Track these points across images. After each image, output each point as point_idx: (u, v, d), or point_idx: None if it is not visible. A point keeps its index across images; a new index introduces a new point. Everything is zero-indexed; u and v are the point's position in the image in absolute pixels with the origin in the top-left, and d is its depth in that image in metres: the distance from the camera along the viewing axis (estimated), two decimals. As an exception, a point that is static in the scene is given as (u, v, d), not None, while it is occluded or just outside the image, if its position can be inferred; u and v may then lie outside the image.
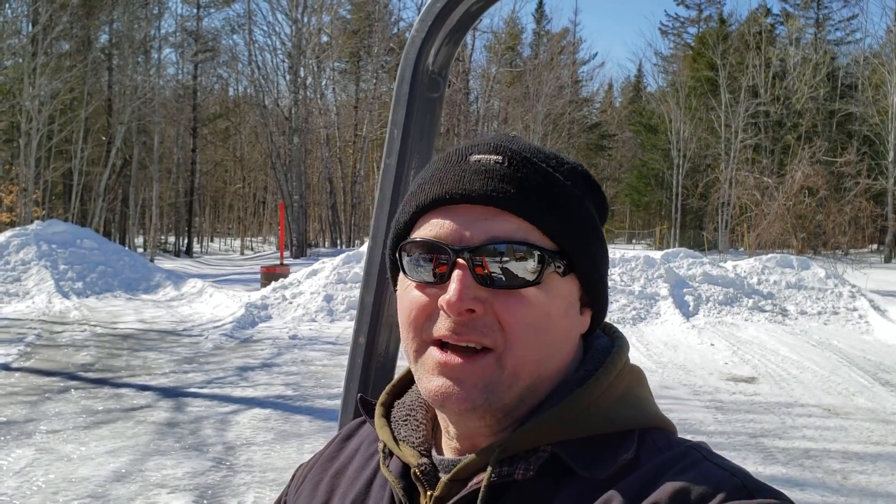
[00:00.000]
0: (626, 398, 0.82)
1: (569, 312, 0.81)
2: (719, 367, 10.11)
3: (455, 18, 1.14)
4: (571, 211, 0.81)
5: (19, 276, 16.79)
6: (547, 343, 0.79)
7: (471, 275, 0.77)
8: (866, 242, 41.96)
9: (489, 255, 0.77)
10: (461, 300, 0.76)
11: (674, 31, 61.44)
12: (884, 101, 39.13)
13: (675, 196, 47.12)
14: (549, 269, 0.78)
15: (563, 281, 0.80)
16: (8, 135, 33.49)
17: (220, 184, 61.78)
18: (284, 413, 7.51)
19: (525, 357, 0.77)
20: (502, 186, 0.78)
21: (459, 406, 0.77)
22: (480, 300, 0.77)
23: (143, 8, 38.39)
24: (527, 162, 0.81)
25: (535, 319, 0.77)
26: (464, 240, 0.78)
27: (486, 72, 46.64)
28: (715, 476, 0.72)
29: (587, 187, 0.85)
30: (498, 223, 0.78)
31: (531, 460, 0.77)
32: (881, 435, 7.02)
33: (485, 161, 0.81)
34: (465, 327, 0.77)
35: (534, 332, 0.77)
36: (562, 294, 0.80)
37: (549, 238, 0.79)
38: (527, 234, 0.78)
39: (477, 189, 0.79)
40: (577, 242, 0.81)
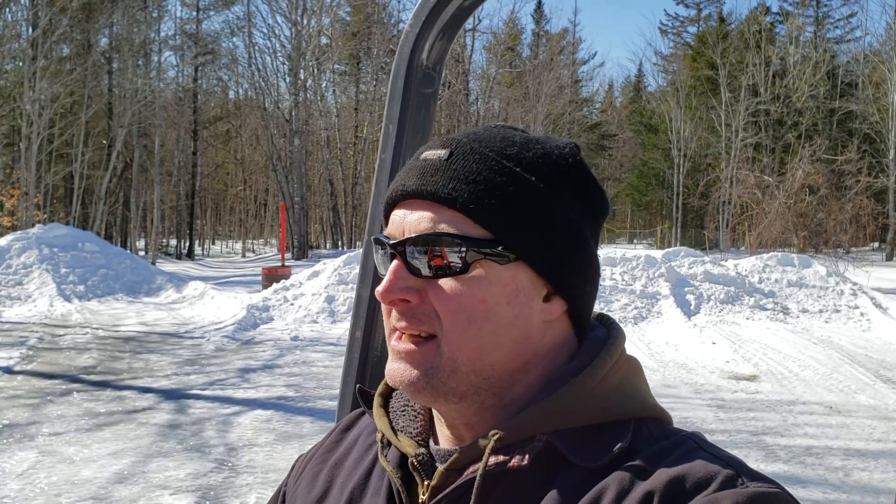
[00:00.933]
0: (621, 388, 0.82)
1: (514, 300, 0.80)
2: (721, 366, 10.11)
3: (449, 14, 1.15)
4: (512, 197, 0.80)
5: (21, 280, 16.81)
6: (486, 331, 0.79)
7: (404, 266, 0.80)
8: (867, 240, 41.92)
9: (416, 246, 0.79)
10: (387, 291, 0.80)
11: (673, 30, 61.50)
12: (884, 99, 39.11)
13: (676, 195, 47.13)
14: (479, 257, 0.79)
15: (505, 268, 0.80)
16: (9, 139, 33.55)
17: (222, 186, 61.80)
18: (286, 414, 7.51)
19: (461, 343, 0.79)
20: (434, 179, 0.80)
21: (404, 388, 0.81)
22: (416, 290, 0.80)
23: (143, 11, 38.43)
24: (470, 152, 0.82)
25: (467, 306, 0.79)
26: (404, 233, 0.81)
27: (486, 72, 46.66)
28: (710, 465, 0.72)
29: (560, 175, 0.84)
30: (429, 216, 0.80)
31: (527, 449, 0.77)
32: (883, 432, 7.02)
33: (430, 156, 0.83)
34: (406, 316, 0.80)
35: (466, 319, 0.79)
36: (502, 281, 0.80)
37: (482, 226, 0.79)
38: (456, 225, 0.79)
39: (412, 184, 0.82)
40: (520, 230, 0.80)
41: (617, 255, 15.77)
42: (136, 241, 41.48)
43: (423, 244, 0.79)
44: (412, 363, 0.80)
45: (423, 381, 0.80)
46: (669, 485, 0.70)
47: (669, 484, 0.70)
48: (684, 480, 0.70)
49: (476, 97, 47.83)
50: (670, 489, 0.70)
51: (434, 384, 0.79)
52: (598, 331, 0.88)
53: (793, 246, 27.98)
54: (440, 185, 0.80)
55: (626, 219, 66.50)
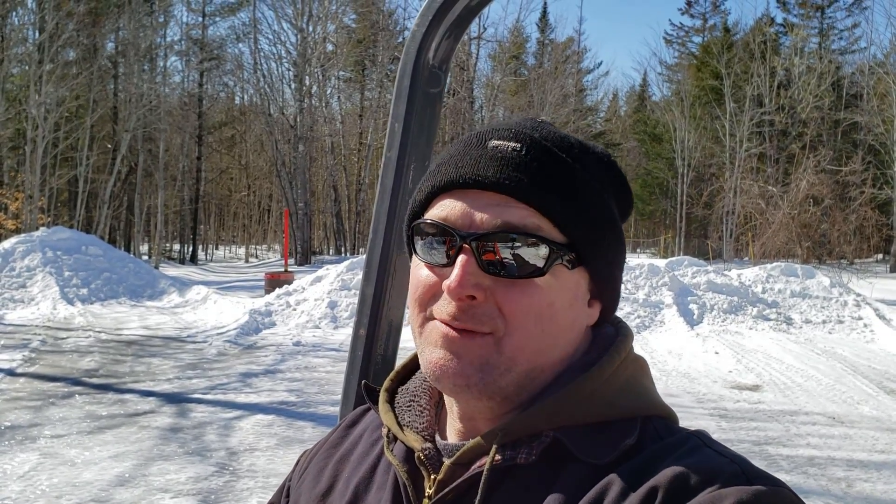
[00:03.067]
0: (628, 386, 0.82)
1: (574, 304, 0.81)
2: (724, 376, 10.08)
3: (455, 13, 1.16)
4: (586, 203, 0.81)
5: (24, 283, 16.83)
6: (548, 333, 0.79)
7: (475, 261, 0.77)
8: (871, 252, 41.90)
9: (497, 243, 0.77)
10: (461, 286, 0.76)
11: (678, 40, 61.53)
12: (889, 111, 39.10)
13: (680, 205, 47.11)
14: (557, 261, 0.79)
15: (571, 273, 0.80)
16: (14, 142, 33.65)
17: (225, 191, 61.88)
18: (287, 419, 7.51)
19: (524, 344, 0.78)
20: (516, 175, 0.79)
21: (455, 381, 0.78)
22: (482, 287, 0.78)
23: (149, 16, 38.56)
24: (545, 151, 0.81)
25: (536, 309, 0.78)
26: (473, 225, 0.78)
27: (491, 80, 46.71)
28: (714, 462, 0.73)
29: (609, 179, 0.85)
30: (509, 211, 0.78)
31: (534, 445, 0.78)
32: (886, 443, 6.99)
33: (502, 147, 0.81)
34: (465, 313, 0.78)
35: (534, 321, 0.78)
36: (568, 286, 0.80)
37: (559, 230, 0.79)
38: (537, 225, 0.78)
39: (490, 175, 0.79)
40: (589, 236, 0.80)
41: (620, 264, 15.74)
42: (140, 245, 41.57)
43: (503, 242, 0.77)
44: (467, 356, 0.78)
45: (477, 375, 0.78)
46: (674, 480, 0.71)
47: (674, 480, 0.71)
48: (689, 476, 0.71)
49: (480, 105, 47.89)
50: (675, 485, 0.70)
51: (486, 381, 0.78)
52: (607, 329, 0.89)
53: (796, 256, 27.97)
54: (521, 181, 0.79)
55: (629, 228, 66.28)
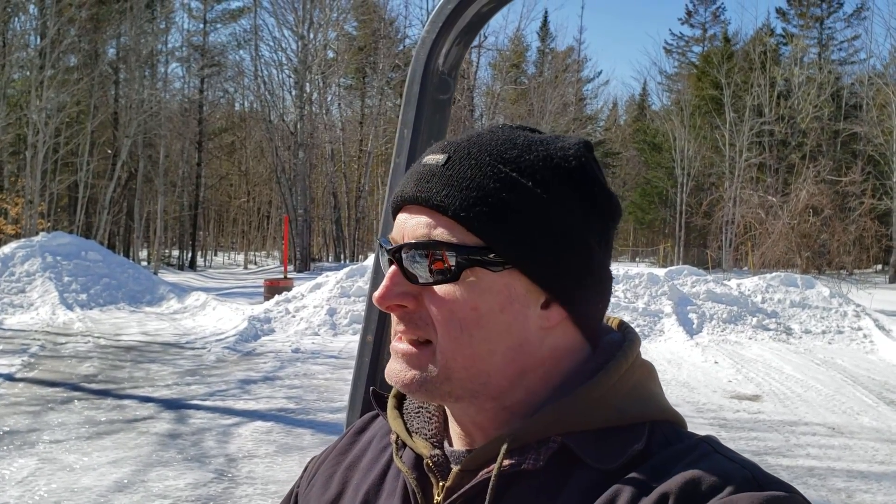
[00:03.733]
0: (636, 391, 0.82)
1: (508, 308, 0.79)
2: (723, 385, 10.07)
3: (466, 20, 1.15)
4: (506, 204, 0.78)
5: (24, 288, 16.82)
6: (479, 338, 0.79)
7: (399, 273, 0.81)
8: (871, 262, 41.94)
9: (410, 252, 0.80)
10: (383, 297, 0.81)
11: (678, 49, 61.73)
12: (888, 122, 39.18)
13: (679, 214, 47.17)
14: (470, 265, 0.78)
15: (499, 276, 0.79)
16: (14, 147, 33.67)
17: (225, 198, 61.89)
18: (286, 426, 7.49)
19: (454, 350, 0.79)
20: (430, 185, 0.80)
21: (400, 388, 0.83)
22: (412, 296, 0.81)
23: (150, 23, 38.64)
24: (467, 157, 0.81)
25: (459, 314, 0.79)
26: (403, 239, 0.82)
27: (491, 89, 46.82)
28: (725, 468, 0.72)
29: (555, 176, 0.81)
30: (425, 222, 0.80)
31: (541, 450, 0.77)
32: (886, 454, 6.98)
33: (429, 161, 0.83)
34: (404, 321, 0.82)
35: (459, 327, 0.79)
36: (495, 289, 0.79)
37: (474, 234, 0.79)
38: (450, 232, 0.79)
39: (409, 190, 0.82)
40: (512, 237, 0.78)
41: (620, 273, 15.76)
42: (139, 251, 41.53)
43: (418, 250, 0.80)
44: (409, 364, 0.82)
45: (417, 383, 0.81)
46: (685, 486, 0.70)
47: (685, 486, 0.70)
48: (700, 482, 0.70)
49: (481, 113, 47.97)
50: (686, 491, 0.70)
51: (428, 387, 0.81)
52: (614, 335, 0.88)
53: (796, 266, 27.97)
54: (435, 191, 0.80)
55: (628, 237, 66.50)
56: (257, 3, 41.97)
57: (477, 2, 1.12)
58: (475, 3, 1.13)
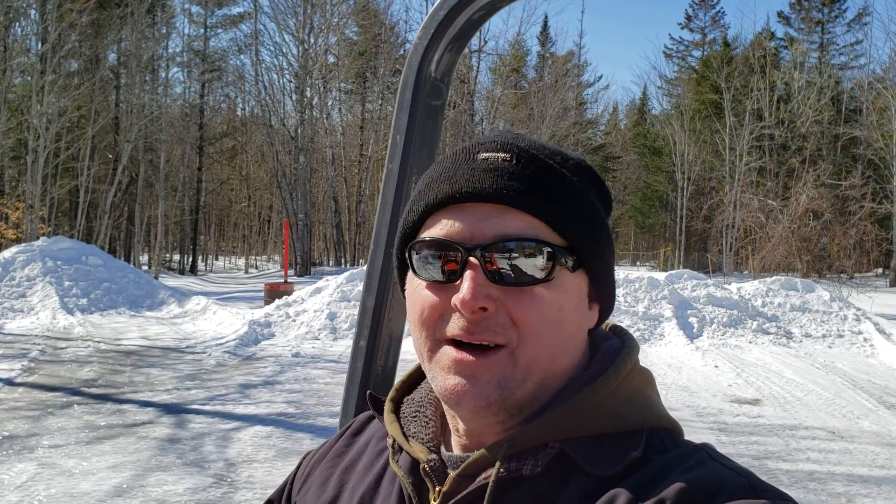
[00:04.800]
0: (634, 398, 0.82)
1: (579, 307, 0.82)
2: (723, 389, 10.06)
3: (457, 26, 1.16)
4: (579, 206, 0.82)
5: (24, 292, 16.82)
6: (559, 338, 0.80)
7: (483, 273, 0.77)
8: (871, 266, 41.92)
9: (500, 253, 0.77)
10: (474, 298, 0.76)
11: (678, 54, 61.73)
12: (888, 126, 39.20)
13: (680, 218, 47.16)
14: (560, 265, 0.79)
15: (573, 276, 0.81)
16: (15, 151, 33.70)
17: (226, 202, 61.93)
18: (286, 431, 7.49)
19: (538, 352, 0.78)
20: (511, 184, 0.79)
21: (475, 403, 0.78)
22: (493, 298, 0.78)
23: (151, 28, 38.70)
24: (534, 158, 0.82)
25: (547, 315, 0.78)
26: (475, 238, 0.79)
27: (491, 93, 46.84)
28: (721, 475, 0.73)
29: (592, 182, 0.87)
30: (508, 220, 0.79)
31: (539, 456, 0.78)
32: (886, 458, 6.97)
33: (493, 159, 0.81)
34: (479, 326, 0.77)
35: (546, 328, 0.78)
36: (572, 289, 0.81)
37: (558, 234, 0.80)
38: (537, 231, 0.79)
39: (487, 187, 0.79)
40: (586, 237, 0.81)
41: (620, 277, 15.75)
42: (140, 255, 41.54)
43: (506, 251, 0.78)
44: (482, 375, 0.78)
45: (496, 393, 0.77)
46: (681, 493, 0.70)
47: (681, 492, 0.70)
48: (696, 489, 0.71)
49: (481, 118, 48.00)
50: (682, 498, 0.70)
51: (505, 395, 0.78)
52: (612, 341, 0.89)
53: (796, 270, 27.95)
54: (518, 190, 0.79)
55: (629, 241, 66.47)
56: (258, 8, 42.05)
57: (468, 9, 1.13)
58: (466, 10, 1.14)
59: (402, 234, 0.87)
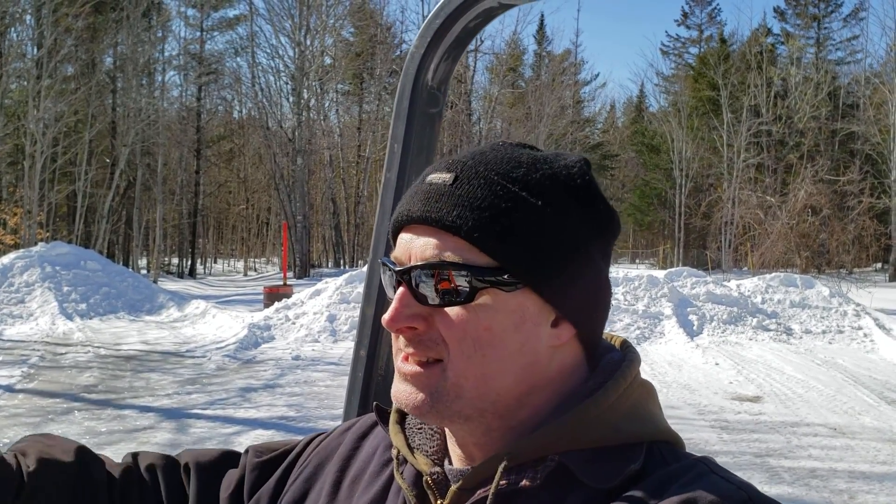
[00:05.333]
0: (635, 411, 0.82)
1: (522, 327, 0.80)
2: (724, 387, 10.07)
3: (454, 35, 1.16)
4: (518, 224, 0.79)
5: (23, 298, 16.81)
6: (491, 357, 0.79)
7: (410, 293, 0.80)
8: (870, 261, 41.94)
9: (420, 274, 0.79)
10: (393, 320, 0.80)
11: (675, 51, 61.78)
12: (885, 120, 39.24)
13: (678, 215, 47.19)
14: (484, 286, 0.78)
15: (512, 295, 0.79)
16: (13, 157, 33.69)
17: (224, 205, 61.90)
18: (287, 434, 7.48)
19: (466, 369, 0.79)
20: (438, 206, 0.80)
21: (409, 409, 0.82)
22: (422, 317, 0.80)
23: (147, 31, 38.67)
24: (475, 177, 0.81)
25: (472, 334, 0.78)
26: (410, 260, 0.81)
27: (489, 93, 46.86)
28: (721, 489, 0.72)
29: (568, 197, 0.82)
30: (434, 242, 0.80)
31: (538, 469, 0.77)
32: (888, 454, 6.98)
33: (435, 180, 0.83)
34: (413, 343, 0.81)
35: (472, 346, 0.79)
36: (508, 309, 0.79)
37: (486, 254, 0.78)
38: (462, 252, 0.78)
39: (417, 210, 0.81)
40: (526, 257, 0.79)
41: (619, 275, 15.76)
42: (139, 259, 41.51)
43: (429, 271, 0.79)
44: (417, 386, 0.81)
45: (428, 404, 0.80)
46: None
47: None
48: (696, 503, 0.70)
49: (478, 117, 48.03)
50: None
51: (438, 408, 0.80)
52: (614, 354, 0.88)
53: (795, 266, 27.99)
54: (444, 211, 0.79)
55: (627, 239, 66.50)
56: (253, 11, 42.10)
57: (464, 17, 1.13)
58: (462, 18, 1.13)
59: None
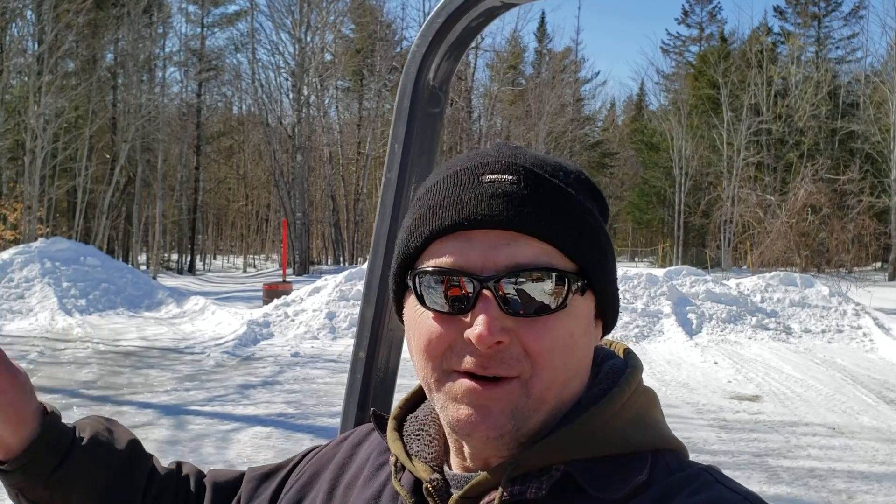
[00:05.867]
0: (638, 419, 0.81)
1: (588, 330, 0.80)
2: (723, 386, 10.07)
3: (455, 34, 1.15)
4: (584, 225, 0.79)
5: (23, 294, 16.81)
6: (571, 365, 0.78)
7: (496, 305, 0.74)
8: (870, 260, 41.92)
9: (513, 283, 0.75)
10: (490, 334, 0.73)
11: (675, 49, 61.77)
12: (885, 119, 39.23)
13: (678, 214, 47.19)
14: (574, 291, 0.77)
15: (583, 299, 0.79)
16: (13, 153, 33.66)
17: (223, 201, 61.93)
18: (286, 431, 7.48)
19: (551, 381, 0.76)
20: (522, 209, 0.76)
21: (488, 434, 0.76)
22: (507, 330, 0.75)
23: (148, 27, 38.66)
24: (541, 180, 0.79)
25: (561, 343, 0.76)
26: (487, 268, 0.75)
27: (489, 90, 46.84)
28: (727, 499, 0.72)
29: (590, 195, 0.84)
30: (520, 248, 0.76)
31: (543, 479, 0.76)
32: (886, 454, 6.98)
33: (499, 182, 0.78)
34: (493, 360, 0.75)
35: (559, 356, 0.76)
36: (583, 313, 0.79)
37: (568, 258, 0.77)
38: (549, 257, 0.76)
39: (497, 214, 0.76)
40: (596, 259, 0.79)
41: (619, 274, 15.67)
42: (138, 255, 41.53)
43: (519, 280, 0.75)
44: (495, 406, 0.75)
45: (509, 424, 0.75)
46: None
47: None
48: None
49: (478, 115, 48.02)
50: None
51: (518, 426, 0.76)
52: (616, 360, 0.87)
53: (795, 265, 27.97)
54: (528, 215, 0.76)
55: (627, 237, 66.56)
56: (254, 7, 42.02)
57: (466, 17, 1.12)
58: (464, 18, 1.12)
59: (403, 258, 0.83)
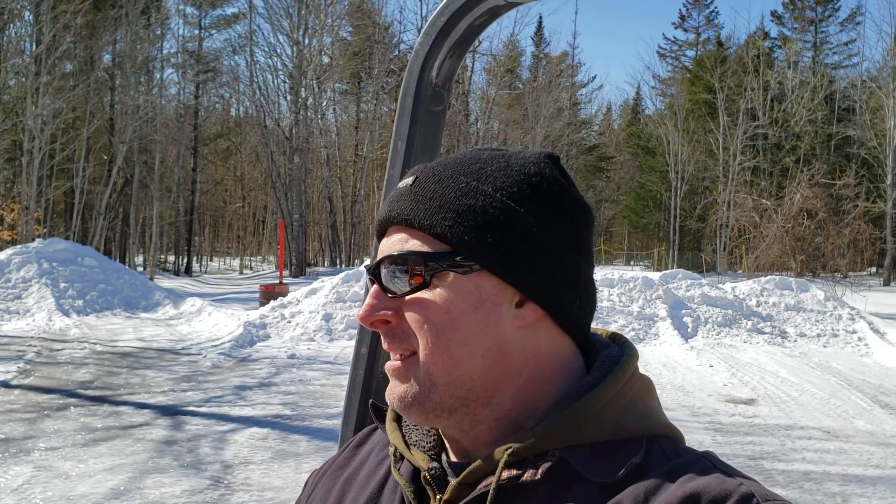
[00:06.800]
0: (634, 406, 0.82)
1: (480, 308, 0.81)
2: (718, 389, 10.09)
3: (459, 32, 1.16)
4: (468, 209, 0.82)
5: (20, 294, 16.78)
6: (455, 340, 0.80)
7: (380, 290, 0.84)
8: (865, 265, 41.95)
9: (386, 269, 0.84)
10: (365, 315, 0.84)
11: (672, 54, 61.85)
12: (881, 125, 39.32)
13: (674, 218, 47.20)
14: (439, 270, 0.81)
15: (469, 278, 0.81)
16: (10, 153, 33.59)
17: (221, 203, 61.83)
18: (282, 432, 7.49)
19: (433, 356, 0.81)
20: (400, 205, 0.85)
21: (394, 404, 0.85)
22: (394, 310, 0.83)
23: (146, 29, 38.61)
24: (431, 175, 0.86)
25: (434, 319, 0.81)
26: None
27: (486, 94, 46.86)
28: (725, 483, 0.72)
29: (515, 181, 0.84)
30: (398, 238, 0.85)
31: (540, 464, 0.77)
32: (881, 458, 7.00)
33: (401, 185, 0.88)
34: (389, 337, 0.85)
35: (434, 331, 0.81)
36: (465, 291, 0.81)
37: (441, 241, 0.82)
38: (420, 243, 0.83)
39: (384, 213, 0.88)
40: (476, 239, 0.81)
41: (615, 277, 15.77)
42: (135, 256, 41.42)
43: (392, 265, 0.83)
44: (399, 379, 0.84)
45: (410, 396, 0.82)
46: (685, 501, 0.71)
47: (685, 500, 0.71)
48: (699, 497, 0.71)
49: (476, 118, 48.03)
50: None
51: (420, 399, 0.82)
52: (612, 349, 0.88)
53: (790, 270, 27.96)
54: (403, 209, 0.85)
55: (623, 240, 66.59)
56: (252, 9, 41.98)
57: (469, 15, 1.14)
58: (468, 16, 1.14)
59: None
